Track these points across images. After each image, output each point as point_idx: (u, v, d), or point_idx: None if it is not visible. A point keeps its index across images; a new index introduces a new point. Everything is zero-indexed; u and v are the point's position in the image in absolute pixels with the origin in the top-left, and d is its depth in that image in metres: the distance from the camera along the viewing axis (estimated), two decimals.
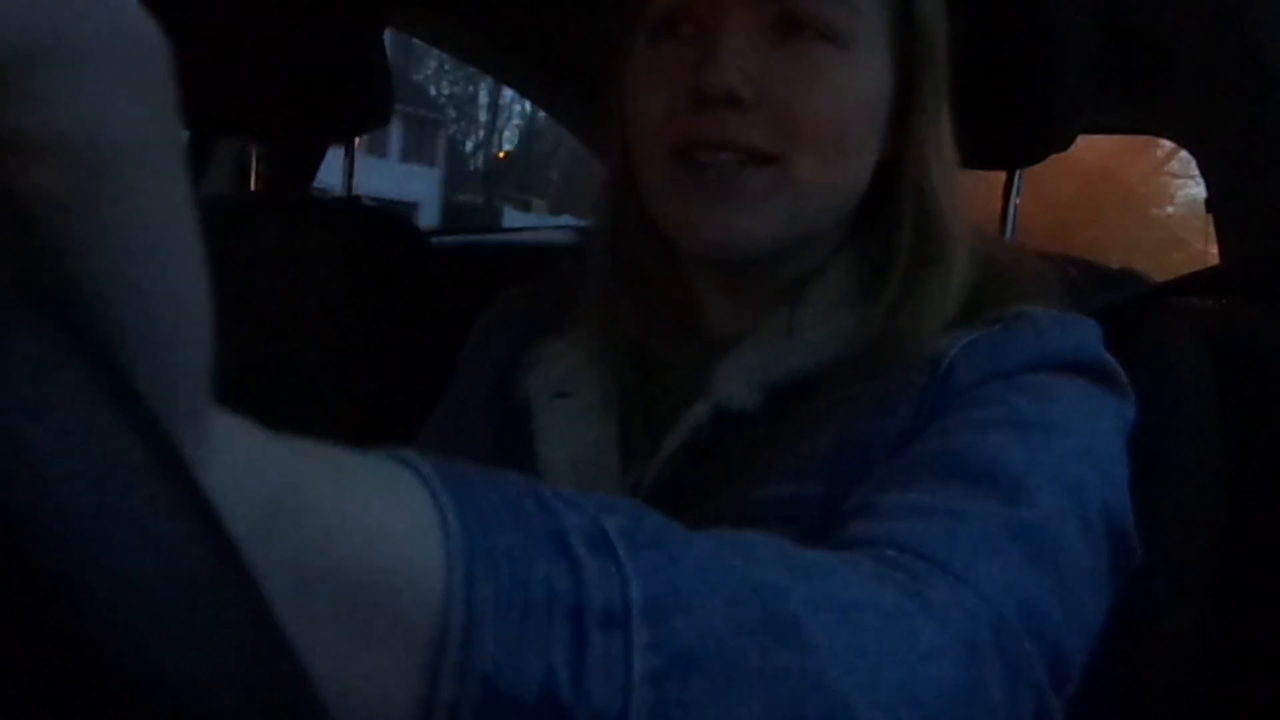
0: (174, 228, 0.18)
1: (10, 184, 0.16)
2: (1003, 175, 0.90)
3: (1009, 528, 0.42)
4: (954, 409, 0.50)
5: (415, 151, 23.43)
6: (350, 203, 1.10)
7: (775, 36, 0.54)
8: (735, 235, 0.55)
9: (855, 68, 0.55)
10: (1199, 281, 0.80)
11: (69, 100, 0.16)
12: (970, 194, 0.63)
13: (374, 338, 0.97)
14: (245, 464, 0.21)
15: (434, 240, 1.11)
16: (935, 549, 0.40)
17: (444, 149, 25.54)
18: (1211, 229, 1.02)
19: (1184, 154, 1.18)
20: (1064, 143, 0.80)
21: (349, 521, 0.23)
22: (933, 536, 0.40)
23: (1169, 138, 1.24)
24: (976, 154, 0.60)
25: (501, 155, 31.07)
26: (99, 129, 0.16)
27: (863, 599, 0.34)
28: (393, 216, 1.06)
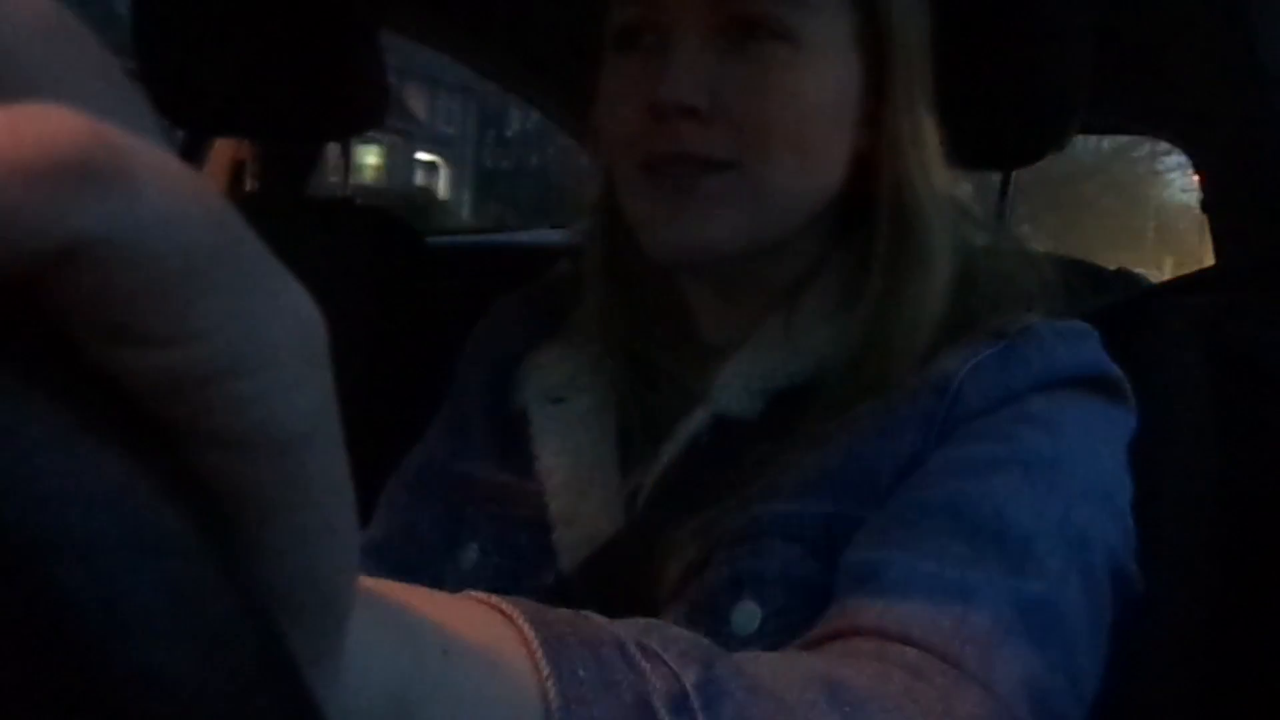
0: (338, 504, 0.19)
1: (202, 473, 0.17)
2: None
3: (1018, 604, 0.44)
4: (962, 437, 0.51)
5: None
6: (345, 203, 1.10)
7: (730, 40, 0.54)
8: (694, 239, 0.55)
9: (813, 68, 0.55)
10: (1194, 281, 0.80)
11: (259, 399, 0.16)
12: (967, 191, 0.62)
13: (370, 339, 0.97)
14: (369, 667, 0.23)
15: (430, 241, 1.11)
16: (950, 643, 0.42)
17: None
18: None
19: None
20: (1059, 143, 0.80)
21: (463, 701, 0.25)
22: (947, 625, 0.42)
23: (1164, 138, 1.24)
24: (970, 154, 0.60)
25: None
26: (282, 421, 0.17)
27: None
28: (388, 217, 1.06)
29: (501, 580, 0.57)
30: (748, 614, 0.49)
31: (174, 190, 0.15)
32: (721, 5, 0.54)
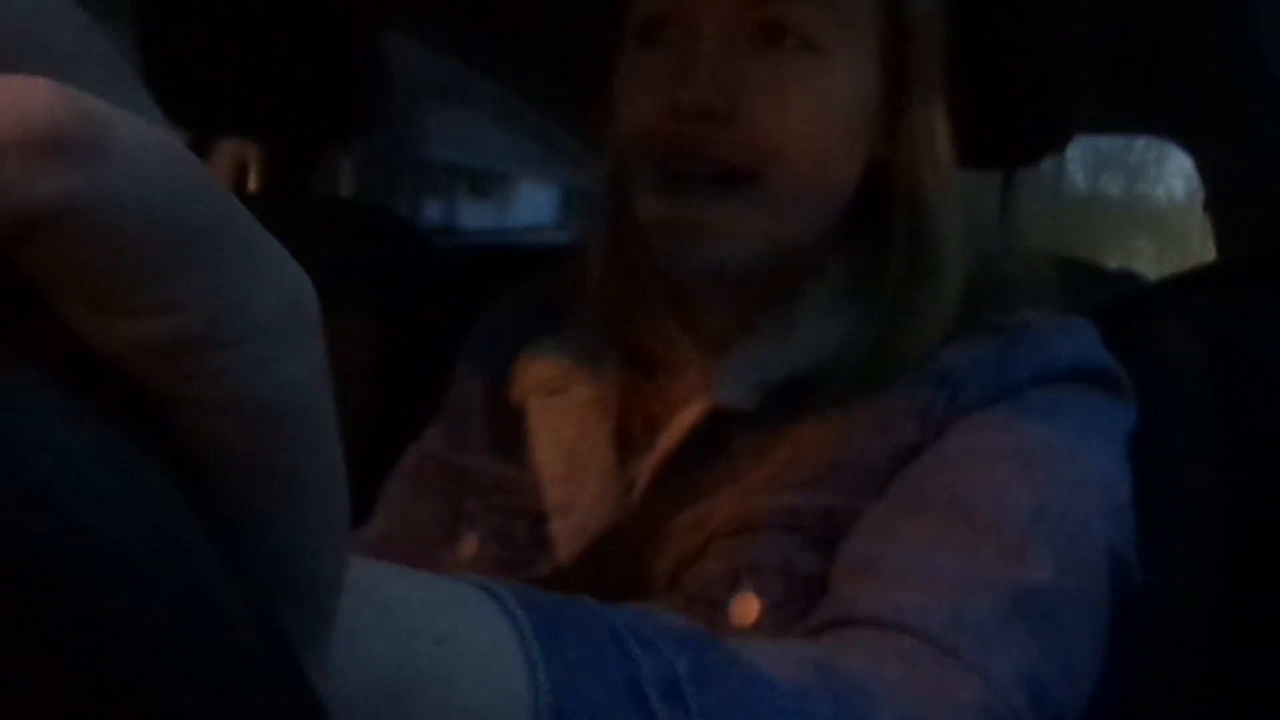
0: (324, 477, 0.18)
1: (186, 438, 0.17)
2: None
3: (1015, 596, 0.44)
4: (961, 429, 0.51)
5: None
6: (346, 203, 1.10)
7: (756, 45, 0.54)
8: (710, 259, 0.55)
9: (837, 76, 0.55)
10: (1195, 279, 0.80)
11: (238, 369, 0.16)
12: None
13: (372, 340, 0.97)
14: (360, 653, 0.23)
15: (432, 242, 1.11)
16: (947, 632, 0.42)
17: None
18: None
19: None
20: (1060, 143, 0.80)
21: (455, 687, 0.25)
22: (943, 616, 0.42)
23: (1166, 138, 1.24)
24: (971, 154, 0.60)
25: None
26: (263, 391, 0.17)
27: None
28: (391, 219, 1.06)
29: (499, 571, 0.57)
30: (747, 605, 0.49)
31: (150, 162, 0.15)
32: (752, 8, 0.54)
